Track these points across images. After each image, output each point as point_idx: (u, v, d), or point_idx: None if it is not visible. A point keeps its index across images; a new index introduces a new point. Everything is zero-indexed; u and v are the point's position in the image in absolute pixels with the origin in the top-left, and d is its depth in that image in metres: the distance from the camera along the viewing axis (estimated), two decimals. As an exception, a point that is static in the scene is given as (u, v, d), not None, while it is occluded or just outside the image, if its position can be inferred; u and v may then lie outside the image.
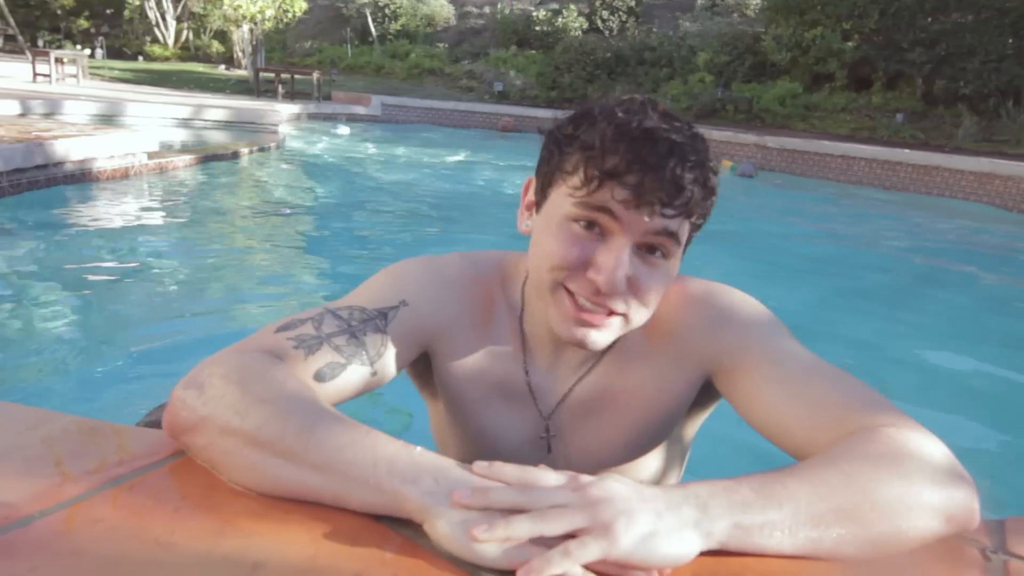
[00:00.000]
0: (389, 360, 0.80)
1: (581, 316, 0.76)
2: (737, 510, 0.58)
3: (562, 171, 0.77)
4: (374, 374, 0.78)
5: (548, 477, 0.60)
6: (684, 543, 0.56)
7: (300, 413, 0.64)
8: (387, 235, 5.08)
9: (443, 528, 0.57)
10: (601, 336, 0.78)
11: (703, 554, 0.59)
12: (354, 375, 0.76)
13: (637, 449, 0.92)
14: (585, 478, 0.60)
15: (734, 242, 5.62)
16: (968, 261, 5.59)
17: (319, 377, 0.74)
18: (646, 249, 0.75)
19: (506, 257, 0.94)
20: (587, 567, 0.55)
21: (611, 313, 0.76)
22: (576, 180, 0.74)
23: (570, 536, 0.55)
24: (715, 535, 0.58)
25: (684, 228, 0.75)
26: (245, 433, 0.63)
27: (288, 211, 5.63)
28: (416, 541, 0.59)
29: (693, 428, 1.01)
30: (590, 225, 0.75)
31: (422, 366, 0.92)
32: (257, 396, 0.65)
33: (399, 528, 0.61)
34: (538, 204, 0.81)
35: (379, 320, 0.80)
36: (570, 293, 0.77)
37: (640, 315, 0.78)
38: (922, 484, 0.62)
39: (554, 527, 0.55)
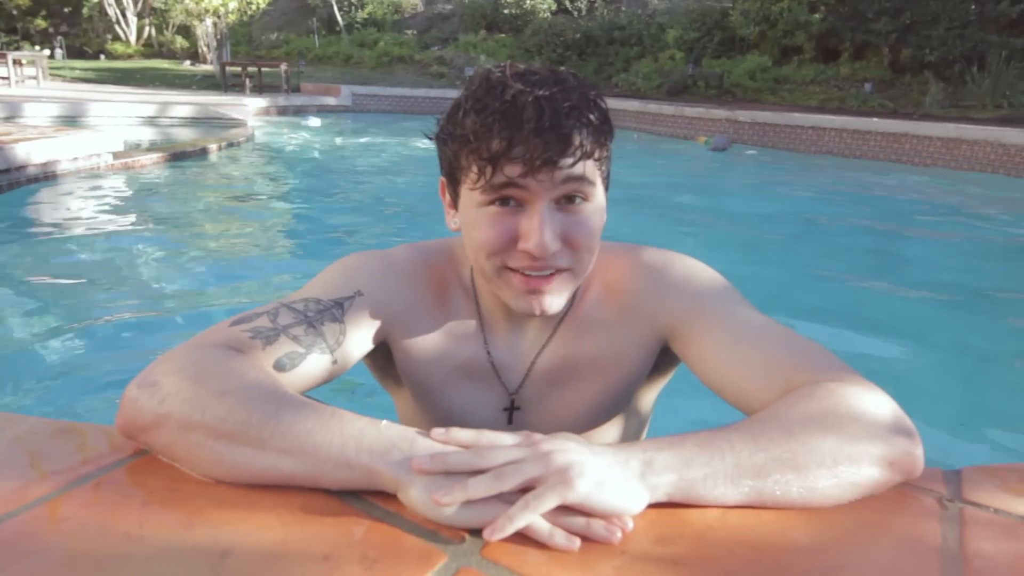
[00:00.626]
0: (348, 348, 0.81)
1: (530, 285, 0.77)
2: (681, 464, 0.61)
3: (459, 167, 0.78)
4: (335, 362, 0.79)
5: (502, 438, 0.63)
6: (631, 495, 0.58)
7: (263, 400, 0.65)
8: (360, 226, 5.04)
9: (415, 496, 0.59)
10: (554, 299, 0.79)
11: (660, 507, 0.61)
12: (314, 364, 0.77)
13: (599, 416, 0.93)
14: (538, 436, 0.63)
15: (708, 215, 5.67)
16: (936, 223, 5.69)
17: (279, 367, 0.74)
18: (565, 200, 0.76)
19: (453, 242, 0.95)
20: (554, 523, 0.57)
21: (556, 272, 0.77)
22: (472, 173, 0.75)
23: (529, 491, 0.57)
24: (661, 488, 0.60)
25: (590, 166, 0.75)
26: (208, 426, 0.63)
27: (259, 207, 5.56)
28: (385, 520, 0.60)
29: (652, 395, 1.03)
30: (504, 201, 0.75)
31: (382, 357, 0.93)
32: (216, 388, 0.65)
33: (368, 509, 0.61)
34: (455, 202, 0.83)
35: (336, 310, 0.81)
36: (514, 270, 0.78)
37: (584, 262, 0.79)
38: (859, 432, 0.64)
39: (510, 482, 0.57)
